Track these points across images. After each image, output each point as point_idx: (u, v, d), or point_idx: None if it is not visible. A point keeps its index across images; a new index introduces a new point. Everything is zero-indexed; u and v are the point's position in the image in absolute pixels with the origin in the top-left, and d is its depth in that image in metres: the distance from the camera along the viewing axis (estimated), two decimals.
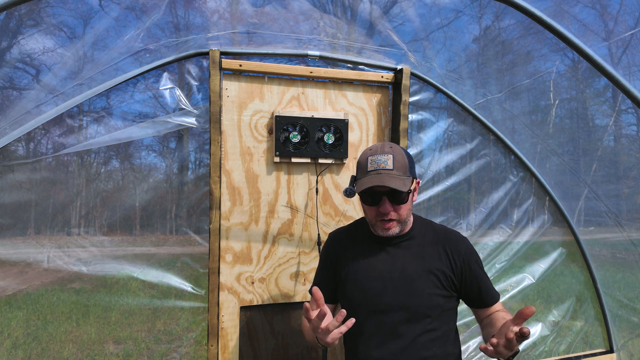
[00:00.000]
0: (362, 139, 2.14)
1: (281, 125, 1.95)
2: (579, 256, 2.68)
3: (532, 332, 2.70)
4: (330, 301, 1.48)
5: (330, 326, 1.13)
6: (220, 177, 1.92)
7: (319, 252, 1.89)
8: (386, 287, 1.33)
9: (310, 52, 2.02)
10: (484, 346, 1.09)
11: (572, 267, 2.72)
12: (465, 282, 1.36)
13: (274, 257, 2.02)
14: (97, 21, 1.71)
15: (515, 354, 1.14)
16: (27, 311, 2.33)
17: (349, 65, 2.12)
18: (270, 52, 1.99)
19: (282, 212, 2.03)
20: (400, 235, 1.36)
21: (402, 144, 2.12)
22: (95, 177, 2.04)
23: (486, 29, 2.31)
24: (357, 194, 1.32)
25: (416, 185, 1.37)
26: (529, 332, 0.98)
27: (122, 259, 1.94)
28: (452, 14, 2.14)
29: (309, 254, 2.07)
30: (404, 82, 2.10)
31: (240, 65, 1.92)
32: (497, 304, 1.40)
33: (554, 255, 2.72)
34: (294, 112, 1.99)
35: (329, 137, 2.01)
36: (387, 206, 1.27)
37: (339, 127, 2.03)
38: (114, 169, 2.10)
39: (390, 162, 1.27)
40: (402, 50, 2.04)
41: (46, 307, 2.81)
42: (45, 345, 2.09)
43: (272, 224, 2.02)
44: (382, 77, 2.13)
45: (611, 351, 2.70)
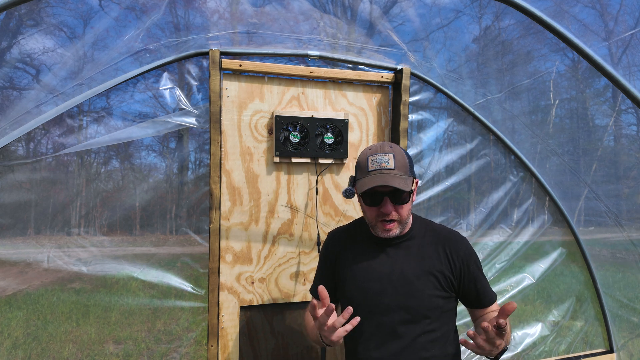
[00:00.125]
0: (362, 139, 2.14)
1: (281, 125, 1.95)
2: (579, 256, 2.68)
3: (532, 332, 2.70)
4: (330, 301, 1.47)
5: (336, 323, 1.13)
6: (220, 177, 1.92)
7: (319, 252, 1.89)
8: (386, 288, 1.33)
9: (310, 52, 2.02)
10: (463, 339, 1.10)
11: (572, 267, 2.72)
12: (463, 283, 1.36)
13: (274, 257, 2.02)
14: (97, 21, 1.71)
15: (502, 352, 1.14)
16: (27, 311, 2.32)
17: (349, 65, 2.12)
18: (270, 52, 1.99)
19: (282, 212, 2.03)
20: (400, 235, 1.36)
21: (402, 144, 2.12)
22: (95, 177, 2.04)
23: (486, 29, 2.31)
24: (358, 194, 1.31)
25: (415, 185, 1.37)
26: (505, 323, 1.02)
27: (122, 259, 1.94)
28: (452, 14, 2.14)
29: (309, 254, 2.07)
30: (404, 82, 2.10)
31: (240, 65, 1.92)
32: (494, 305, 1.40)
33: (554, 255, 2.72)
34: (294, 112, 1.99)
35: (329, 137, 2.01)
36: (389, 206, 1.26)
37: (339, 127, 2.03)
38: (114, 169, 2.10)
39: (391, 162, 1.26)
40: (402, 50, 2.04)
41: (46, 307, 2.81)
42: (45, 345, 2.09)
43: (272, 224, 2.02)
44: (382, 77, 2.13)
45: (611, 351, 2.70)
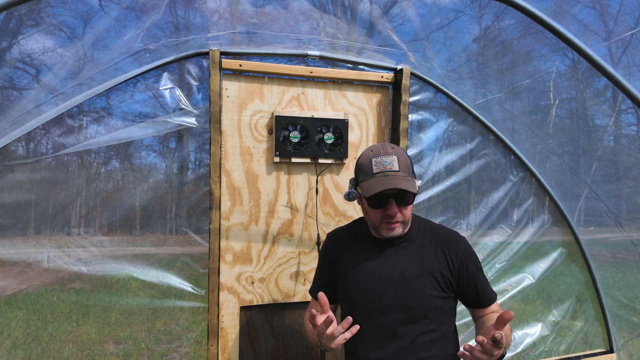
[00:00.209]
0: (362, 139, 2.14)
1: (281, 125, 1.95)
2: (579, 256, 2.68)
3: (532, 332, 2.70)
4: (330, 301, 1.47)
5: (335, 332, 1.13)
6: (220, 177, 1.92)
7: (319, 252, 1.89)
8: (385, 289, 1.33)
9: (310, 52, 2.02)
10: (461, 352, 1.11)
11: (572, 267, 2.72)
12: (462, 283, 1.36)
13: (274, 257, 2.02)
14: (97, 21, 1.71)
15: (501, 357, 1.14)
16: (27, 311, 2.33)
17: (349, 65, 2.12)
18: (270, 52, 1.99)
19: (282, 212, 2.03)
20: (399, 235, 1.36)
21: (402, 144, 2.12)
22: (95, 177, 2.04)
23: (486, 29, 2.31)
24: (364, 197, 1.29)
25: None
26: (501, 337, 1.01)
27: (122, 259, 1.94)
28: (452, 14, 2.14)
29: (309, 254, 2.07)
30: (404, 82, 2.10)
31: (240, 65, 1.92)
32: (494, 305, 1.40)
33: (554, 255, 2.72)
34: (294, 112, 1.99)
35: (329, 137, 2.01)
36: (395, 208, 1.25)
37: (339, 127, 2.03)
38: (114, 169, 2.10)
39: (396, 164, 1.25)
40: (402, 50, 2.04)
41: (46, 307, 2.81)
42: (45, 345, 2.09)
43: (272, 224, 2.02)
44: (382, 77, 2.13)
45: (611, 351, 2.70)
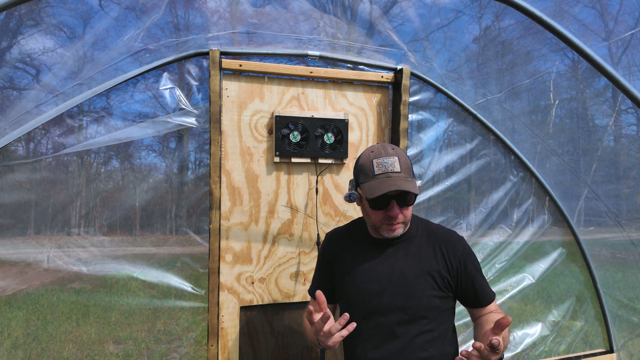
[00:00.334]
0: (362, 139, 2.14)
1: (281, 125, 1.95)
2: (579, 256, 2.68)
3: (532, 332, 2.70)
4: (328, 301, 1.48)
5: (332, 329, 1.13)
6: (220, 177, 1.92)
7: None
8: (384, 289, 1.33)
9: (310, 52, 2.02)
10: (458, 358, 1.11)
11: (572, 267, 2.72)
12: (460, 282, 1.36)
13: (274, 257, 2.02)
14: (97, 21, 1.71)
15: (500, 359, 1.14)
16: (27, 311, 2.33)
17: (349, 65, 2.12)
18: (270, 52, 1.99)
19: (282, 212, 2.03)
20: (398, 235, 1.36)
21: (402, 144, 2.12)
22: (95, 177, 2.04)
23: (486, 29, 2.31)
24: (366, 199, 1.28)
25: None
26: (498, 343, 1.02)
27: (122, 259, 1.94)
28: (452, 14, 2.14)
29: (309, 254, 2.07)
30: (404, 82, 2.10)
31: (240, 65, 1.92)
32: (492, 304, 1.40)
33: (554, 255, 2.72)
34: (294, 112, 1.99)
35: (329, 137, 2.01)
36: (396, 209, 1.26)
37: (339, 127, 2.03)
38: (114, 169, 2.10)
39: (397, 165, 1.25)
40: (402, 50, 2.04)
41: (46, 307, 2.81)
42: (45, 345, 2.09)
43: (272, 224, 2.02)
44: (382, 77, 2.13)
45: (611, 351, 2.70)
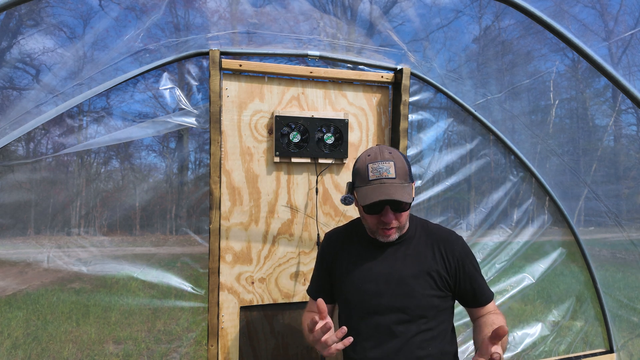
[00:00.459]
0: (362, 139, 2.14)
1: (281, 125, 1.95)
2: (579, 256, 2.68)
3: (532, 332, 2.70)
4: (328, 301, 1.48)
5: (329, 340, 1.14)
6: (220, 177, 1.92)
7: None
8: (383, 289, 1.34)
9: (310, 52, 2.02)
10: None
11: (572, 267, 2.72)
12: (459, 282, 1.37)
13: (274, 257, 2.02)
14: (97, 21, 1.71)
15: None
16: (27, 311, 2.33)
17: (349, 65, 2.12)
18: (270, 52, 1.99)
19: (282, 212, 2.03)
20: (393, 240, 1.36)
21: (402, 144, 2.12)
22: (95, 177, 2.04)
23: (486, 29, 2.31)
24: (359, 204, 1.31)
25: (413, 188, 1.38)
26: (499, 356, 1.04)
27: (122, 259, 1.94)
28: (452, 14, 2.14)
29: (309, 254, 2.07)
30: (404, 82, 2.10)
31: (240, 65, 1.92)
32: (490, 304, 1.40)
33: (554, 255, 2.72)
34: (294, 112, 1.99)
35: (328, 137, 2.01)
36: (390, 215, 1.26)
37: (339, 127, 2.03)
38: (114, 169, 2.10)
39: (392, 170, 1.25)
40: (402, 50, 2.04)
41: (46, 307, 2.81)
42: (45, 345, 2.09)
43: (272, 224, 2.02)
44: (382, 77, 2.13)
45: (611, 351, 2.70)
